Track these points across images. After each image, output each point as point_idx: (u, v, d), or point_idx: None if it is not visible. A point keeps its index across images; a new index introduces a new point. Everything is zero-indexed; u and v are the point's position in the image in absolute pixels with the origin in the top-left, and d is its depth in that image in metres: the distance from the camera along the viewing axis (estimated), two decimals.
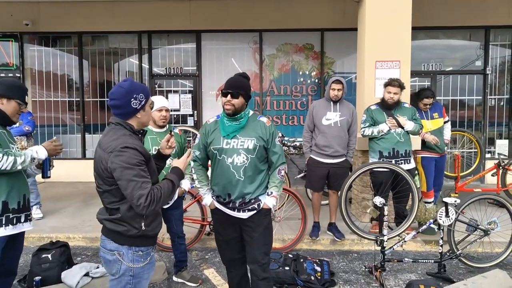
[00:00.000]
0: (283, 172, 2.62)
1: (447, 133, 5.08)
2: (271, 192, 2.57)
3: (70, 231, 4.68)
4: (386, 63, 4.85)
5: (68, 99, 7.98)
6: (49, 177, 2.77)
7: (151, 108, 2.14)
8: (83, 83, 7.90)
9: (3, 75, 7.82)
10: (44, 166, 2.70)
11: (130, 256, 1.93)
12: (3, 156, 2.28)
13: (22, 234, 2.60)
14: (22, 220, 2.48)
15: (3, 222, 2.36)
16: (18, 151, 2.53)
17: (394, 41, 4.83)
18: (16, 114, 2.52)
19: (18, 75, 7.81)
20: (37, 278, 3.28)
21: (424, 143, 4.75)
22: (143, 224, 1.93)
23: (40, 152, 2.52)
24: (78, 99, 7.90)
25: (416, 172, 4.70)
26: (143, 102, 1.97)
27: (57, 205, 5.84)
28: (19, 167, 2.34)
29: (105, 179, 1.89)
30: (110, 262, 1.96)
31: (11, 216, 2.39)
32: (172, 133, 2.32)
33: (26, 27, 7.58)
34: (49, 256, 3.42)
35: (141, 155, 1.86)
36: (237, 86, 2.46)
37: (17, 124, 4.83)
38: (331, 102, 4.27)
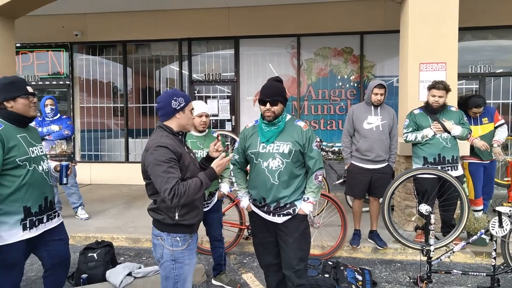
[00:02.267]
0: (320, 177, 2.55)
1: (501, 135, 4.64)
2: (308, 198, 2.51)
3: (114, 232, 4.84)
4: (431, 65, 4.65)
5: (113, 105, 8.33)
6: (66, 183, 2.79)
7: (192, 113, 2.29)
8: (127, 90, 8.22)
9: (55, 83, 8.32)
10: (61, 173, 2.71)
11: (170, 241, 2.15)
12: None
13: (61, 226, 2.65)
14: (45, 220, 2.50)
15: (27, 226, 2.39)
16: (42, 152, 2.55)
17: (439, 42, 4.62)
18: (29, 109, 2.43)
19: (68, 82, 8.27)
20: (84, 275, 3.41)
21: (472, 149, 4.48)
22: (177, 214, 2.12)
23: None
24: (122, 105, 8.23)
25: (464, 179, 4.45)
26: (182, 105, 2.19)
27: (102, 207, 6.08)
28: None
29: (145, 174, 2.13)
30: (156, 246, 2.20)
31: (34, 220, 2.43)
32: (219, 137, 2.41)
33: (76, 37, 8.03)
34: (95, 255, 3.56)
35: (171, 153, 2.04)
36: (275, 94, 2.46)
37: (57, 128, 5.11)
38: (372, 106, 4.14)
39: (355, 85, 7.53)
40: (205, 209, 3.39)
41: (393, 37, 6.85)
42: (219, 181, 3.54)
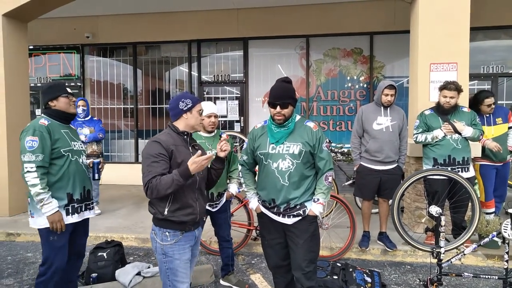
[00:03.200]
0: (330, 178, 2.53)
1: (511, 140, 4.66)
2: (318, 199, 2.50)
3: (123, 232, 4.89)
4: (441, 65, 4.60)
5: (123, 106, 8.42)
6: (98, 179, 3.04)
7: (200, 115, 2.37)
8: (137, 91, 8.30)
9: (66, 84, 8.39)
10: (93, 170, 2.99)
11: (160, 235, 2.26)
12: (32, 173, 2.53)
13: (87, 221, 2.91)
14: (83, 209, 2.79)
15: (70, 211, 2.67)
16: (81, 147, 2.84)
17: (450, 42, 4.57)
18: (69, 107, 2.77)
19: (79, 84, 8.38)
20: (94, 275, 3.45)
21: (483, 150, 4.41)
22: (166, 210, 2.20)
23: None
24: (132, 106, 8.31)
25: (475, 181, 4.39)
26: (189, 106, 2.31)
27: (111, 207, 6.14)
28: (32, 189, 2.52)
29: None
30: (152, 240, 2.33)
31: (75, 206, 2.71)
32: (223, 137, 2.45)
33: (87, 39, 8.14)
34: (105, 254, 3.60)
35: (162, 149, 2.17)
36: (285, 96, 2.44)
37: (88, 132, 5.45)
38: (382, 107, 4.11)
39: (365, 85, 7.48)
40: (213, 209, 3.40)
41: (403, 37, 6.80)
42: (228, 181, 3.55)
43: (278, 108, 2.43)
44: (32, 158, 2.51)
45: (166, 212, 2.20)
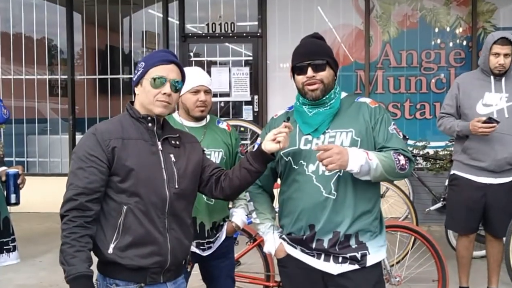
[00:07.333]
0: (403, 161, 2.37)
1: None
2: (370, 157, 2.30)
3: None
4: None
5: (49, 77, 8.53)
6: (17, 203, 3.16)
7: (152, 85, 2.26)
8: (73, 51, 8.35)
9: None
10: (8, 187, 3.15)
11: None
12: None
13: None
14: None
15: None
16: None
17: None
18: None
19: None
20: None
21: None
22: (111, 245, 2.10)
23: None
24: (65, 76, 8.35)
25: None
26: (139, 73, 2.28)
27: (30, 250, 6.32)
28: None
29: None
30: None
31: None
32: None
33: None
34: None
35: (96, 146, 2.12)
36: (318, 52, 2.49)
37: None
38: (492, 77, 4.23)
39: (464, 43, 7.58)
40: (204, 253, 3.23)
41: None
42: (230, 205, 3.48)
43: (310, 72, 2.43)
44: None
45: (111, 250, 2.10)
